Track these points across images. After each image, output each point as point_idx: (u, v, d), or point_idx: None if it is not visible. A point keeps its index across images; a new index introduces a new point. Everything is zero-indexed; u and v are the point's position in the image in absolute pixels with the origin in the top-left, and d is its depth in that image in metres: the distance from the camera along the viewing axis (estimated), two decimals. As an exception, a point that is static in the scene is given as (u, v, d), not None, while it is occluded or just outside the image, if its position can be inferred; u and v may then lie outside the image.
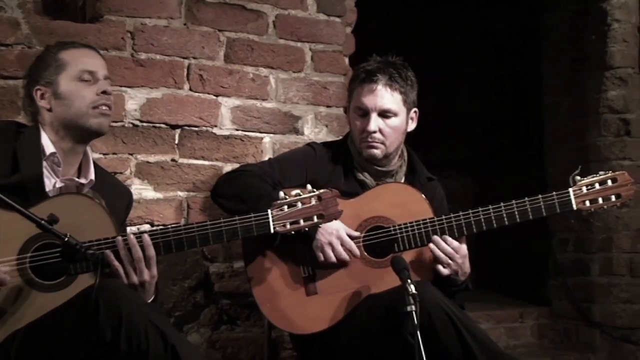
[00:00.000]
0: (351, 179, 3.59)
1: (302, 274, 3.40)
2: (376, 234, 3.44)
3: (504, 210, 3.39)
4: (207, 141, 4.07)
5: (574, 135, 5.79)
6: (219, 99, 4.11)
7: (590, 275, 5.71)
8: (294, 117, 4.29)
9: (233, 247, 4.07)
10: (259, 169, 3.53)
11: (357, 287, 3.39)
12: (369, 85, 3.51)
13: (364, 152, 3.55)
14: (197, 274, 4.08)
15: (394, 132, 3.53)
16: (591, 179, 3.44)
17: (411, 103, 3.58)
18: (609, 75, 5.58)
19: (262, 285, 3.40)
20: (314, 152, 3.65)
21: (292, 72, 4.30)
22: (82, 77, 3.06)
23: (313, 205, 3.04)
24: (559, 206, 3.40)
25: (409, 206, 3.46)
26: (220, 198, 3.50)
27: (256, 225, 3.00)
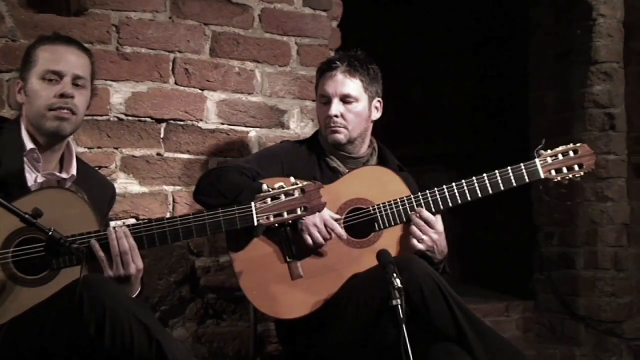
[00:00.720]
0: (325, 168, 3.65)
1: (286, 259, 3.43)
2: (356, 215, 3.49)
3: (477, 183, 3.50)
4: (193, 135, 4.06)
5: (559, 129, 5.79)
6: (204, 92, 4.09)
7: (575, 269, 5.72)
8: (279, 111, 4.28)
9: (219, 241, 4.06)
10: (237, 165, 3.56)
11: (341, 267, 3.43)
12: (329, 73, 3.60)
13: (328, 137, 3.62)
14: (182, 268, 4.07)
15: (356, 117, 3.60)
16: (555, 150, 3.60)
17: (373, 92, 3.66)
18: (594, 69, 5.58)
19: (247, 273, 3.40)
20: (288, 147, 3.73)
21: (278, 66, 4.29)
22: (46, 76, 2.99)
23: (296, 197, 3.04)
24: (527, 175, 3.54)
25: (386, 186, 3.54)
26: (202, 196, 3.51)
27: (239, 218, 2.99)
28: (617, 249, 5.60)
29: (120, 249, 2.86)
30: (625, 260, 5.63)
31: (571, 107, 5.72)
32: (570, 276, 5.75)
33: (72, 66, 3.03)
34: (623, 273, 5.61)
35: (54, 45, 3.05)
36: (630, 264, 5.65)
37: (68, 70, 3.01)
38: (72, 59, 3.05)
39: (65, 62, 3.02)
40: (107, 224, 3.13)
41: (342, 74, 3.58)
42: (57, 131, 3.01)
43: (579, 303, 5.68)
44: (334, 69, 3.59)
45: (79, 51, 3.08)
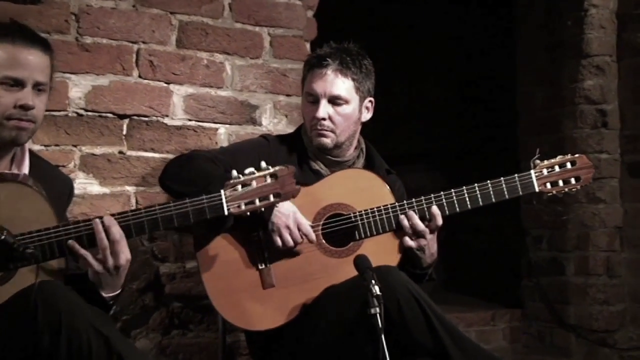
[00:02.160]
0: (306, 170, 3.62)
1: (258, 266, 3.40)
2: (335, 222, 3.47)
3: (467, 194, 3.51)
4: (158, 132, 4.05)
5: (549, 126, 5.82)
6: (170, 86, 4.09)
7: (565, 275, 5.75)
8: (251, 106, 4.28)
9: (185, 245, 4.06)
10: (210, 154, 3.54)
11: (316, 277, 3.41)
12: (319, 70, 3.55)
13: (314, 140, 3.59)
14: (146, 274, 4.06)
15: (345, 120, 3.57)
16: (551, 161, 3.61)
17: (365, 92, 3.62)
18: (586, 63, 5.62)
19: (215, 280, 3.38)
20: (267, 142, 3.68)
21: (250, 59, 4.28)
22: (4, 81, 2.89)
23: (269, 183, 3.02)
24: (521, 188, 3.55)
25: (369, 192, 3.51)
26: (169, 182, 3.48)
27: (209, 207, 2.98)
28: (610, 253, 5.64)
29: (111, 237, 2.85)
30: (618, 266, 5.66)
31: (561, 103, 5.75)
32: (560, 283, 5.78)
33: (33, 72, 2.93)
34: (616, 279, 5.65)
35: (14, 46, 2.91)
36: (623, 270, 5.68)
37: (29, 77, 2.92)
38: (34, 63, 2.93)
39: (26, 67, 2.92)
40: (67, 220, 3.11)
41: (333, 72, 3.53)
42: (15, 140, 2.96)
43: (570, 311, 5.71)
44: (324, 67, 3.54)
45: (41, 53, 2.97)
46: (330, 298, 3.33)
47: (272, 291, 3.38)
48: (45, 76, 2.99)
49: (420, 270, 3.53)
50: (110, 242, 2.86)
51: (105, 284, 2.91)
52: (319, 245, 3.43)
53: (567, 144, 5.64)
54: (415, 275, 3.50)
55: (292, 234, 3.36)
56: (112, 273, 2.88)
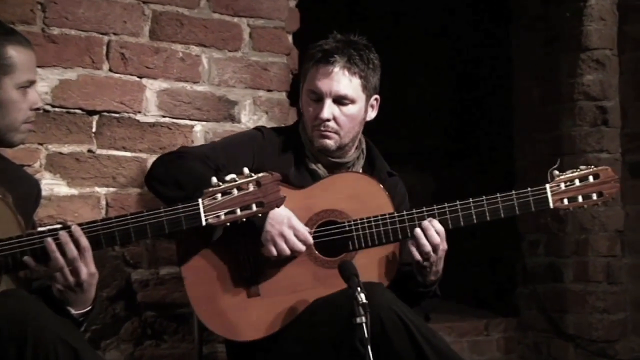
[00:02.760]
0: (302, 169, 3.59)
1: (243, 273, 3.38)
2: (328, 230, 3.44)
3: (473, 208, 3.43)
4: (130, 129, 4.04)
5: (546, 124, 5.83)
6: (143, 81, 4.08)
7: (563, 282, 5.76)
8: (229, 102, 4.28)
9: (159, 250, 4.05)
10: (201, 152, 3.50)
11: (305, 288, 3.39)
12: (325, 67, 3.49)
13: (315, 141, 3.55)
14: (117, 281, 4.04)
15: (350, 121, 3.53)
16: (571, 174, 3.48)
17: (372, 89, 3.58)
18: (585, 57, 5.63)
19: (198, 287, 3.37)
20: (262, 135, 3.64)
21: (228, 51, 4.28)
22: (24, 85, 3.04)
23: (251, 191, 2.99)
24: (534, 204, 3.45)
25: (366, 199, 3.47)
26: (156, 182, 3.44)
27: (185, 217, 2.95)
28: (610, 259, 5.65)
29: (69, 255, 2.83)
30: (619, 272, 5.68)
31: (559, 99, 5.76)
32: (558, 290, 5.80)
33: (36, 72, 3.12)
34: (616, 286, 5.66)
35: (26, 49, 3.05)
36: (624, 276, 5.70)
37: (35, 76, 3.10)
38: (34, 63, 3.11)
39: (34, 68, 3.10)
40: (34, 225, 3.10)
41: (340, 70, 3.47)
42: (22, 142, 3.14)
43: (568, 320, 5.73)
44: (331, 64, 3.47)
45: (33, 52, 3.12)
46: (318, 310, 3.32)
47: (258, 300, 3.37)
48: None
49: (423, 288, 3.49)
50: (69, 260, 2.84)
51: (72, 300, 2.90)
52: (310, 254, 3.41)
53: (565, 143, 5.66)
54: (417, 293, 3.49)
55: (287, 242, 3.32)
56: (75, 290, 2.87)
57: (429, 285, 3.48)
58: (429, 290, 3.50)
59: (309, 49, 3.63)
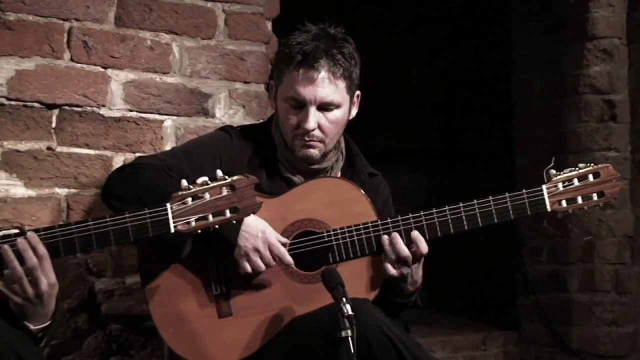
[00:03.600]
0: (275, 177, 3.57)
1: (213, 291, 3.36)
2: (306, 242, 3.42)
3: (464, 212, 3.42)
4: (93, 125, 4.03)
5: (549, 120, 5.85)
6: (108, 71, 4.06)
7: (567, 292, 5.78)
8: (202, 95, 4.27)
9: (125, 257, 4.03)
10: (161, 161, 3.47)
11: (282, 306, 3.38)
12: (308, 73, 3.44)
13: (297, 151, 3.51)
14: (78, 291, 4.03)
15: (336, 126, 3.51)
16: (569, 173, 3.47)
17: (354, 87, 3.57)
18: (591, 47, 5.65)
19: (163, 304, 3.35)
20: (230, 138, 3.61)
21: (201, 39, 4.27)
22: None
23: (224, 196, 2.97)
24: (529, 207, 3.44)
25: (347, 206, 3.46)
26: (114, 200, 3.42)
27: (152, 223, 2.94)
28: (619, 266, 5.68)
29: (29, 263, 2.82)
30: (629, 281, 5.70)
31: (563, 93, 5.78)
32: (562, 300, 5.82)
33: None
34: (625, 296, 5.69)
35: None
36: (634, 286, 5.73)
37: None
38: None
39: None
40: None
41: (326, 74, 3.43)
42: None
43: (573, 333, 5.74)
44: (315, 69, 3.43)
45: None
46: (297, 328, 3.31)
47: (230, 321, 3.36)
48: None
49: (401, 299, 3.49)
50: (28, 269, 2.83)
51: (30, 314, 2.89)
52: (286, 269, 3.39)
53: (570, 140, 5.69)
54: (395, 304, 3.49)
55: (263, 258, 3.30)
56: (34, 302, 2.85)
57: (407, 296, 3.48)
58: (407, 302, 3.51)
59: (283, 46, 3.59)
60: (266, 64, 4.40)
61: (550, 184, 3.44)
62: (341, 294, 2.96)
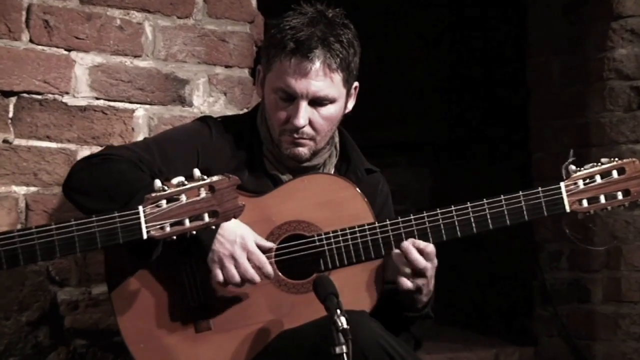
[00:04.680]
0: (259, 174, 3.56)
1: (190, 302, 3.36)
2: (294, 247, 3.42)
3: (472, 214, 3.41)
4: (55, 114, 4.03)
5: (569, 109, 5.86)
6: (72, 54, 4.07)
7: (590, 303, 5.79)
8: (178, 81, 4.28)
9: (91, 264, 4.04)
10: (132, 153, 3.46)
11: (267, 319, 3.38)
12: (301, 64, 3.43)
13: (284, 148, 3.51)
14: (39, 303, 4.02)
15: (329, 123, 3.51)
16: (590, 169, 3.45)
17: (352, 79, 3.55)
18: (617, 27, 5.66)
19: (133, 318, 3.35)
20: (209, 130, 3.60)
21: (177, 18, 4.28)
22: None
23: (203, 198, 2.95)
24: (546, 207, 3.43)
25: (340, 207, 3.46)
26: (76, 193, 3.42)
27: (122, 229, 2.93)
28: (648, 274, 5.68)
29: None
30: (659, 291, 5.71)
31: (585, 79, 5.79)
32: (584, 312, 5.83)
33: None
34: (656, 308, 5.70)
35: None
36: (665, 296, 5.73)
37: None
38: None
39: None
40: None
41: (320, 66, 3.42)
42: None
43: (596, 349, 5.75)
44: (309, 60, 3.41)
45: None
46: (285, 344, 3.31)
47: (209, 336, 3.35)
48: None
49: (414, 313, 3.48)
50: None
51: None
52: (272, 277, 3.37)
53: (593, 132, 5.69)
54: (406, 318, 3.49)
55: (239, 267, 3.28)
56: None
57: (421, 308, 3.47)
58: (420, 315, 3.49)
59: (275, 29, 3.55)
60: (251, 46, 4.40)
61: (569, 181, 3.42)
62: (335, 305, 2.96)
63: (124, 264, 3.35)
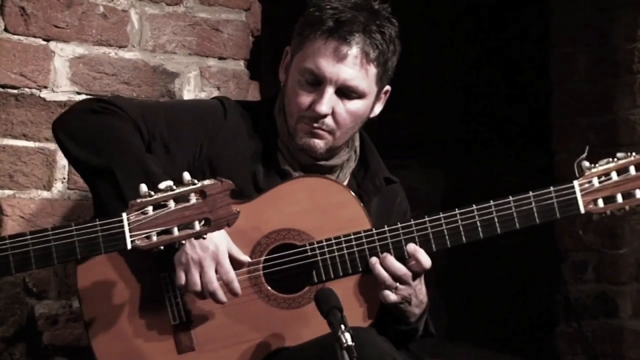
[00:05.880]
0: (271, 167, 3.54)
1: (170, 320, 3.36)
2: (284, 257, 3.41)
3: (478, 217, 3.41)
4: (32, 111, 4.05)
5: (596, 104, 5.87)
6: (51, 45, 4.10)
7: (618, 317, 5.80)
8: (167, 74, 4.31)
9: (72, 275, 3.99)
10: (136, 112, 3.43)
11: (256, 338, 3.37)
12: (338, 46, 3.42)
13: (299, 138, 3.48)
14: (15, 317, 4.05)
15: (352, 120, 3.49)
16: (605, 165, 3.44)
17: (386, 80, 3.56)
18: (649, 15, 5.68)
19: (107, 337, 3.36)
20: (223, 110, 3.58)
21: (166, 5, 4.30)
22: None
23: (194, 204, 2.92)
24: (558, 208, 3.42)
25: (334, 212, 3.45)
26: (65, 134, 3.38)
27: (104, 238, 2.92)
28: (682, 286, 5.71)
29: None
30: (694, 305, 5.73)
31: (614, 72, 5.80)
32: (612, 328, 5.84)
33: None
34: (690, 324, 5.72)
35: None
36: (701, 310, 5.75)
37: None
38: None
39: None
40: None
41: (358, 53, 3.41)
42: None
43: (625, 369, 5.77)
44: (347, 43, 3.40)
45: None
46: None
47: (192, 357, 3.35)
48: None
49: (406, 326, 3.47)
50: None
51: None
52: (260, 292, 3.38)
53: (622, 130, 5.70)
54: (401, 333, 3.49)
55: (203, 276, 3.26)
56: None
57: (414, 322, 3.47)
58: (414, 328, 3.49)
59: (314, 7, 3.52)
60: (246, 36, 4.41)
61: (583, 179, 3.41)
62: (339, 321, 2.96)
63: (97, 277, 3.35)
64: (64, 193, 4.06)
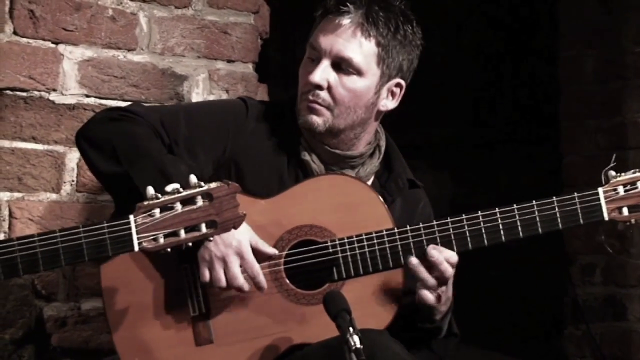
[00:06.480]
0: (292, 161, 3.56)
1: (190, 312, 3.37)
2: (305, 253, 3.42)
3: (501, 220, 3.42)
4: (42, 113, 4.06)
5: (604, 107, 5.86)
6: (60, 48, 4.10)
7: (627, 321, 5.80)
8: (176, 77, 4.31)
9: (80, 277, 4.06)
10: (154, 117, 3.47)
11: (274, 332, 3.38)
12: (334, 19, 3.47)
13: (300, 117, 3.51)
14: (24, 319, 4.05)
15: (351, 98, 3.48)
16: (632, 174, 3.45)
17: (394, 69, 3.55)
18: (659, 16, 5.68)
19: (128, 330, 3.36)
20: (245, 109, 3.61)
21: (175, 8, 4.31)
22: None
23: (200, 207, 2.93)
24: (582, 215, 3.43)
25: (356, 211, 3.46)
26: (87, 143, 3.42)
27: (111, 240, 2.93)
28: (691, 289, 5.70)
29: None
30: None
31: (623, 74, 5.80)
32: (620, 331, 5.83)
33: None
34: (699, 327, 5.71)
35: None
36: None
37: None
38: None
39: None
40: None
41: (351, 25, 3.44)
42: None
43: (634, 372, 5.77)
44: (341, 14, 3.44)
45: None
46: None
47: (210, 349, 3.36)
48: None
49: (430, 324, 3.47)
50: None
51: None
52: (280, 286, 3.39)
53: (631, 133, 5.70)
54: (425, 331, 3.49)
55: (228, 272, 3.28)
56: None
57: (440, 319, 3.47)
58: (438, 326, 3.49)
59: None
60: (255, 38, 4.41)
61: (608, 186, 3.43)
62: (347, 323, 2.95)
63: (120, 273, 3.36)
64: (72, 195, 4.07)
